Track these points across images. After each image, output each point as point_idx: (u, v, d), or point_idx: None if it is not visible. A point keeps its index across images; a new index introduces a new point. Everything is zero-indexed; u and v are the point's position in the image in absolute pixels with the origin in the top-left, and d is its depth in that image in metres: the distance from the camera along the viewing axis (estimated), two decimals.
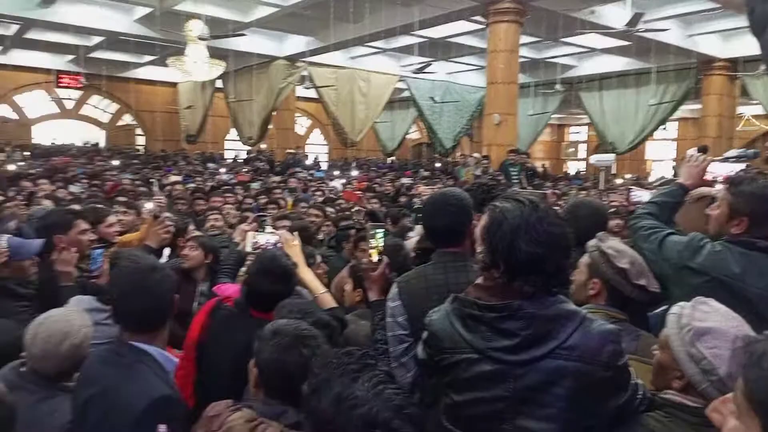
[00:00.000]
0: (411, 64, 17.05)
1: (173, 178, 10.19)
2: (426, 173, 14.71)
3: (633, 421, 1.44)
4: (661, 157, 24.70)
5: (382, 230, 2.36)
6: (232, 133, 21.57)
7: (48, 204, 4.96)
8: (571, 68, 17.82)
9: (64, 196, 6.22)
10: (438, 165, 18.79)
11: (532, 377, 1.38)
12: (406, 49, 16.17)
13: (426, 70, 15.23)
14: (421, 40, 14.53)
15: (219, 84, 18.60)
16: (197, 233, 3.90)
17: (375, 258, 2.22)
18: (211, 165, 16.10)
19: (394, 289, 2.02)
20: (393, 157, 23.43)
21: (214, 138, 22.18)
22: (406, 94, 19.61)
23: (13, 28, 15.14)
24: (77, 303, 2.34)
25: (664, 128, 18.36)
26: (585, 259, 1.97)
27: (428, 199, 2.15)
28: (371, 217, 4.80)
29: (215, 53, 13.87)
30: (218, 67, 13.85)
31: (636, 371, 1.49)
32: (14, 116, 21.05)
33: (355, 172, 14.63)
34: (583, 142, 28.39)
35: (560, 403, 1.36)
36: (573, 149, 29.29)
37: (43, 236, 2.75)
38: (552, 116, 20.03)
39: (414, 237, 3.40)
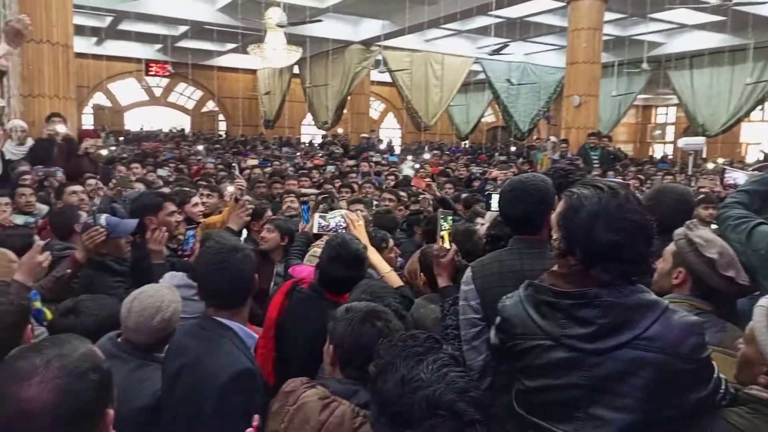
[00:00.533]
0: (487, 45, 16.70)
1: (251, 162, 10.54)
2: (501, 157, 14.43)
3: (714, 416, 1.38)
4: (759, 139, 22.95)
5: (452, 216, 2.36)
6: (308, 118, 22.02)
7: (140, 186, 5.27)
8: (659, 46, 16.82)
9: (154, 179, 6.59)
10: (513, 149, 18.39)
11: (608, 366, 1.35)
12: (482, 31, 15.85)
13: (502, 51, 14.87)
14: (498, 20, 14.18)
15: (296, 70, 18.99)
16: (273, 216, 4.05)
17: (446, 244, 2.23)
18: (286, 149, 16.55)
19: (468, 273, 2.02)
20: (467, 141, 23.14)
21: (291, 123, 22.76)
22: (481, 76, 19.24)
23: (107, 20, 16.10)
24: (169, 279, 2.50)
25: (761, 109, 17.03)
26: (671, 248, 1.90)
27: (507, 186, 2.10)
28: (441, 203, 4.78)
29: (292, 39, 14.16)
30: (295, 53, 14.13)
31: (720, 365, 1.42)
32: (108, 103, 22.44)
33: (428, 156, 14.57)
34: (671, 124, 26.80)
35: (638, 393, 1.33)
36: (660, 132, 27.74)
37: (137, 217, 2.95)
38: (637, 97, 19.03)
39: (484, 223, 3.37)
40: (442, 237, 2.24)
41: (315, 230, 3.04)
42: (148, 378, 1.89)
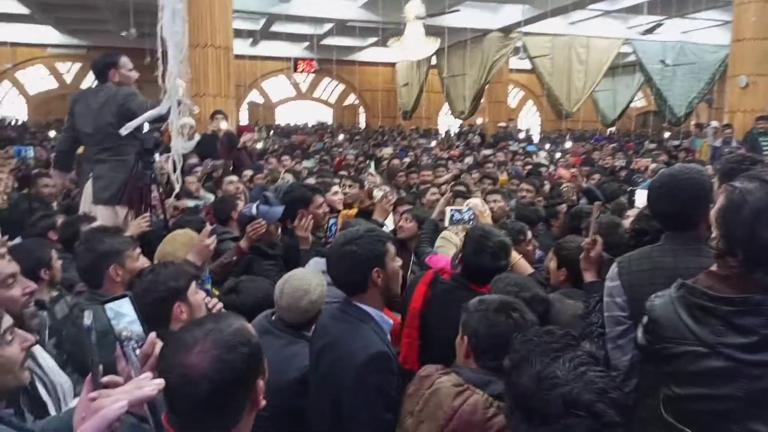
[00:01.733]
0: (638, 25, 15.49)
1: (386, 152, 10.80)
2: (652, 145, 13.38)
3: None
4: None
5: (599, 207, 2.27)
6: (445, 108, 22.04)
7: (289, 177, 5.66)
8: None
9: (301, 170, 7.04)
10: (667, 135, 16.93)
11: None
12: (634, 9, 14.74)
13: (656, 30, 13.70)
14: None
15: (433, 61, 19.07)
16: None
17: (593, 237, 2.15)
18: (422, 140, 16.74)
19: (614, 269, 1.94)
20: (613, 128, 21.72)
21: (428, 113, 22.94)
22: (631, 58, 17.91)
23: (261, 23, 17.36)
24: (315, 264, 2.68)
25: None
26: None
27: (657, 179, 1.97)
28: (587, 194, 4.55)
29: (431, 31, 14.24)
30: (433, 45, 14.19)
31: None
32: (261, 100, 24.25)
33: (568, 144, 13.92)
34: None
35: None
36: None
37: (290, 209, 3.20)
38: None
39: (630, 216, 3.18)
40: (594, 230, 2.16)
41: (447, 223, 3.08)
42: (297, 354, 2.06)
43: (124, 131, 3.35)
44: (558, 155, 11.17)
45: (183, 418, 1.11)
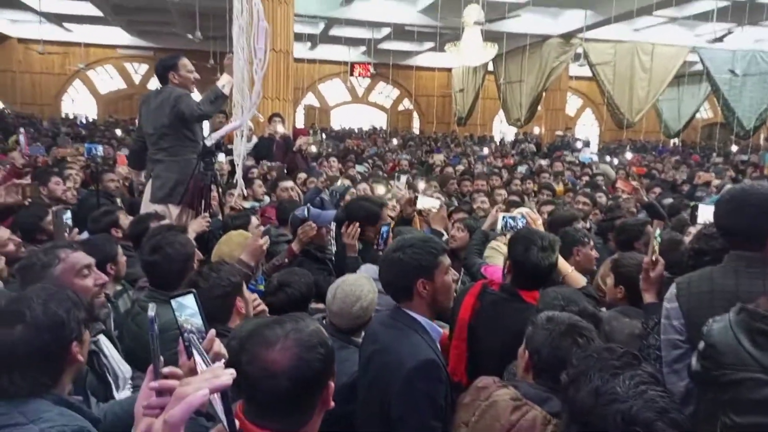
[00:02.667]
0: (707, 32, 14.89)
1: (438, 158, 10.75)
2: (719, 159, 12.82)
3: None
4: None
5: (660, 225, 2.20)
6: (500, 115, 21.79)
7: (346, 182, 5.73)
8: None
9: (354, 174, 7.12)
10: (735, 149, 16.18)
11: None
12: (702, 16, 14.16)
13: (726, 38, 13.12)
14: (722, 3, 12.57)
15: (490, 67, 18.90)
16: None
17: (654, 256, 2.08)
18: (476, 147, 16.59)
19: (672, 290, 1.88)
20: (677, 140, 20.93)
21: (482, 120, 22.76)
22: (698, 67, 17.23)
23: (320, 27, 17.66)
24: (366, 270, 2.72)
25: None
26: None
27: (725, 194, 1.91)
28: (648, 210, 4.39)
29: (489, 36, 14.13)
30: (491, 50, 14.07)
31: None
32: (317, 103, 24.64)
33: (629, 155, 13.50)
34: None
35: None
36: None
37: (353, 221, 3.17)
38: None
39: (692, 233, 3.07)
40: (654, 249, 2.10)
41: (499, 230, 3.07)
42: (347, 359, 2.09)
43: (208, 142, 3.51)
44: (616, 162, 10.80)
45: (261, 411, 1.16)
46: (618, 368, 1.13)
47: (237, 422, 1.03)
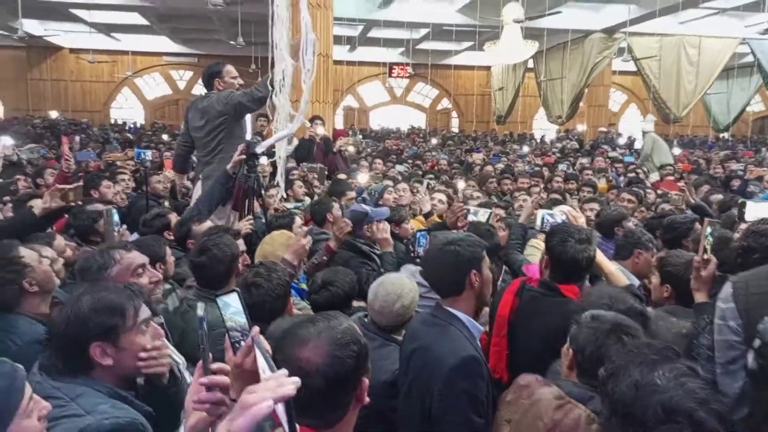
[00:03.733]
0: (758, 23, 14.31)
1: (477, 157, 10.65)
2: None
3: None
4: None
5: (715, 224, 2.14)
6: (541, 113, 21.48)
7: (388, 182, 5.76)
8: None
9: (395, 175, 7.15)
10: None
11: None
12: (752, 6, 13.62)
13: None
14: None
15: (530, 64, 18.65)
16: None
17: (706, 255, 2.03)
18: (516, 146, 16.39)
19: (728, 289, 1.84)
20: (726, 134, 20.19)
21: (522, 118, 22.47)
22: (748, 59, 16.59)
23: (359, 29, 17.78)
24: (405, 270, 2.74)
25: None
26: None
27: None
28: (696, 210, 4.27)
29: (529, 33, 13.94)
30: (531, 48, 13.88)
31: None
32: (356, 104, 24.80)
33: (677, 151, 13.06)
34: None
35: None
36: None
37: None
38: None
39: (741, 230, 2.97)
40: (706, 248, 2.05)
41: (538, 227, 3.03)
42: (388, 357, 2.12)
43: (259, 149, 3.60)
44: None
45: (296, 408, 1.19)
46: (657, 362, 1.12)
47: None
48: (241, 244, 2.79)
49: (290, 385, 0.95)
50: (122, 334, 1.51)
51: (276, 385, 0.95)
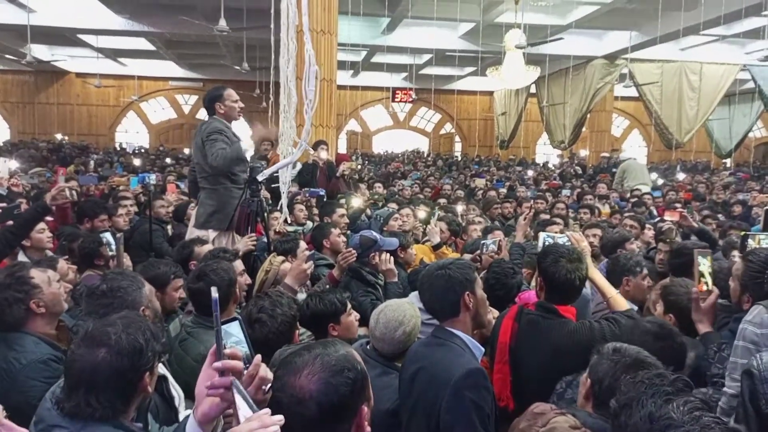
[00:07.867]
0: (758, 50, 14.43)
1: (479, 182, 10.66)
2: None
3: None
4: None
5: (711, 253, 2.12)
6: (543, 137, 21.58)
7: (393, 206, 5.76)
8: None
9: (400, 188, 7.14)
10: None
11: None
12: (752, 34, 13.76)
13: None
14: None
15: (533, 89, 18.81)
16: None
17: (705, 287, 2.02)
18: (519, 169, 16.42)
19: (765, 315, 1.82)
20: (729, 159, 20.23)
21: (525, 143, 22.57)
22: (749, 85, 16.70)
23: (362, 54, 17.99)
24: (413, 297, 2.71)
25: None
26: None
27: None
28: (700, 236, 4.23)
29: (531, 59, 14.08)
30: (533, 73, 14.01)
31: None
32: (359, 129, 24.97)
33: (681, 176, 13.08)
34: None
35: None
36: None
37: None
38: None
39: (735, 257, 2.97)
40: (702, 278, 2.04)
41: (539, 249, 3.02)
42: (390, 385, 2.09)
43: (260, 177, 3.63)
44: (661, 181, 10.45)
45: None
46: (671, 394, 1.11)
47: None
48: (239, 265, 2.77)
49: (273, 426, 0.94)
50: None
51: (259, 426, 0.94)
